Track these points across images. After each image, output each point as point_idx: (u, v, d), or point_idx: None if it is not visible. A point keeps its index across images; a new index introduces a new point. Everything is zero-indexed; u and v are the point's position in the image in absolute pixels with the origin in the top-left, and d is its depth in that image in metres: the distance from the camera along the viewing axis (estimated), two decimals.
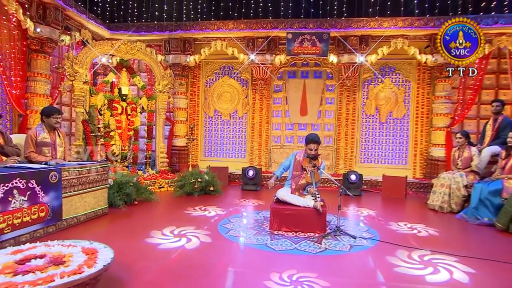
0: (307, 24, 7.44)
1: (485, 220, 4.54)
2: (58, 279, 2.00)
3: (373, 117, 8.04)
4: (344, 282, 2.62)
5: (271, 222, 3.97)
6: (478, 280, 2.73)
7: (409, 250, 3.35)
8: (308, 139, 4.16)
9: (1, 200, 2.94)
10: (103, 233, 3.80)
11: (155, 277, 2.60)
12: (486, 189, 4.72)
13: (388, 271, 2.86)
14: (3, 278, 1.98)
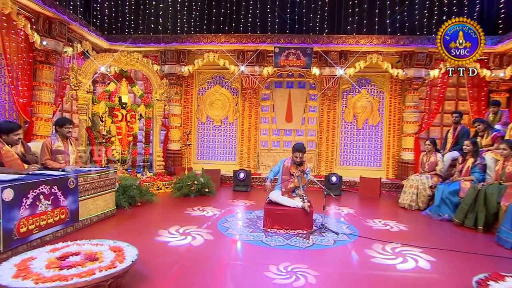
0: (292, 39, 7.79)
1: (445, 216, 5.04)
2: (98, 272, 2.30)
3: (351, 124, 8.48)
4: (330, 272, 3.00)
5: (264, 221, 4.31)
6: (438, 267, 3.16)
7: (383, 244, 3.77)
8: (294, 148, 4.55)
9: (31, 205, 3.17)
10: (115, 233, 4.02)
11: (171, 271, 2.89)
12: (446, 190, 5.22)
13: (365, 261, 3.26)
14: (53, 272, 2.26)
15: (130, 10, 8.48)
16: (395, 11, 7.93)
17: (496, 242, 3.94)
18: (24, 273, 2.21)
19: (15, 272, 2.23)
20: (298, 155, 4.49)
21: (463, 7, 7.67)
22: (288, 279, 2.77)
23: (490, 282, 2.25)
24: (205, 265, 3.06)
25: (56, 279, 2.16)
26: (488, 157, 5.22)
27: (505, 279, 2.30)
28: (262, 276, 2.83)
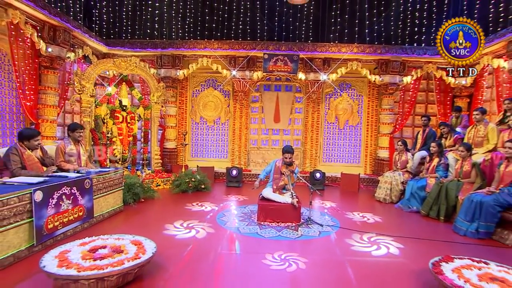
0: (280, 47, 8.13)
1: (414, 208, 5.56)
2: (127, 262, 2.66)
3: (333, 125, 8.96)
4: (316, 259, 3.43)
5: (258, 215, 4.70)
6: (405, 252, 3.63)
7: (361, 234, 4.23)
8: (284, 150, 4.93)
9: (55, 204, 3.47)
10: (126, 227, 4.30)
11: (182, 261, 3.23)
12: (415, 185, 5.74)
13: (346, 249, 3.70)
14: (89, 262, 2.59)
15: (127, 16, 8.63)
16: (373, 22, 8.42)
17: (453, 230, 4.48)
18: (65, 263, 2.54)
19: (58, 262, 2.55)
20: (288, 156, 4.88)
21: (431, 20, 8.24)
22: (282, 265, 3.18)
23: (442, 263, 2.73)
24: (210, 255, 3.42)
25: (93, 268, 2.50)
26: (450, 156, 5.77)
27: (453, 261, 2.78)
28: (260, 263, 3.23)
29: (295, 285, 2.78)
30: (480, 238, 4.17)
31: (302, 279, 2.90)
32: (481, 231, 4.18)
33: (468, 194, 4.56)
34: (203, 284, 2.75)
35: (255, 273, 3.03)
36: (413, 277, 2.99)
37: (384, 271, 3.13)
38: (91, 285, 2.44)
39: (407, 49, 7.94)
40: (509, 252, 3.79)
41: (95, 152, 6.17)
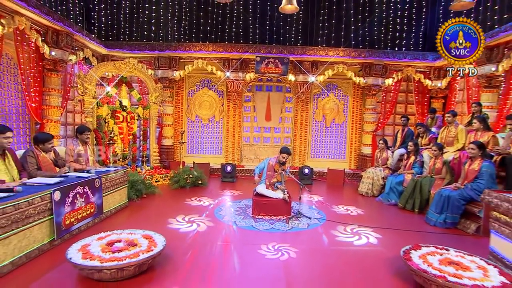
0: (272, 50, 8.38)
1: (392, 201, 5.99)
2: (142, 254, 2.96)
3: (320, 123, 9.31)
4: (305, 248, 3.78)
5: (253, 209, 5.03)
6: (383, 242, 4.03)
7: (345, 225, 4.62)
8: (282, 150, 5.21)
9: (71, 202, 3.73)
10: (133, 222, 4.57)
11: (187, 252, 3.53)
12: (394, 180, 6.17)
13: (332, 240, 4.08)
14: (109, 255, 2.88)
15: (125, 19, 8.74)
16: (358, 27, 8.75)
17: (425, 221, 4.91)
18: (88, 256, 2.83)
19: (82, 255, 2.84)
20: (285, 156, 5.18)
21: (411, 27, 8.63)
22: (276, 255, 3.53)
23: (412, 251, 3.12)
24: (212, 246, 3.73)
25: (113, 259, 2.80)
26: (425, 154, 6.19)
27: (421, 248, 3.18)
28: (256, 253, 3.57)
29: (288, 272, 3.13)
30: (447, 227, 4.62)
31: (294, 267, 3.25)
32: (448, 221, 4.64)
33: (438, 189, 5.01)
34: (208, 272, 3.07)
35: (252, 262, 3.37)
36: (388, 263, 3.37)
37: (363, 259, 3.51)
38: (112, 274, 2.74)
39: (389, 53, 8.32)
40: (469, 239, 4.24)
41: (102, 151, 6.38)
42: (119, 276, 2.78)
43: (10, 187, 3.14)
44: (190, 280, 2.88)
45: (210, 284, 2.82)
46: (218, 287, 2.77)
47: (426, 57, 8.26)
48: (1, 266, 2.74)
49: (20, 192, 3.11)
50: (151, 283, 2.81)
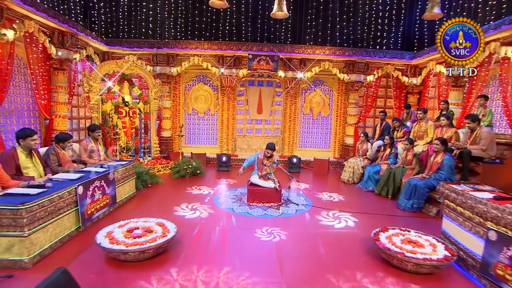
0: (263, 48, 8.71)
1: (370, 188, 6.58)
2: (159, 239, 3.43)
3: (308, 116, 9.77)
4: (294, 231, 4.29)
5: (248, 197, 5.52)
6: (359, 225, 4.58)
7: (327, 211, 5.16)
8: (267, 146, 5.63)
9: (91, 195, 4.14)
10: (142, 210, 4.98)
11: (193, 237, 4.01)
12: (372, 170, 6.76)
13: (316, 224, 4.61)
14: (131, 240, 3.33)
15: (123, 16, 8.86)
16: (343, 27, 9.12)
17: (396, 206, 5.53)
18: (114, 241, 3.29)
19: (108, 240, 3.30)
20: (270, 152, 5.65)
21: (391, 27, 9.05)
22: (269, 237, 4.04)
23: (381, 233, 3.69)
24: (214, 231, 4.20)
25: (136, 244, 3.26)
26: (400, 146, 6.74)
27: (388, 230, 3.76)
28: (253, 236, 4.08)
29: (279, 252, 3.65)
30: (414, 211, 5.24)
31: (284, 247, 3.78)
32: (415, 206, 5.26)
33: (408, 179, 5.60)
34: (212, 253, 3.56)
35: (249, 244, 3.87)
36: (362, 243, 3.92)
37: (342, 240, 4.06)
38: (135, 256, 3.21)
39: (370, 52, 8.76)
40: (431, 221, 4.83)
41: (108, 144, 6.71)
42: (140, 257, 3.25)
43: (42, 184, 3.54)
44: (198, 260, 3.37)
45: (215, 263, 3.31)
46: (222, 266, 3.26)
47: (404, 56, 8.74)
48: (43, 249, 3.18)
49: (51, 187, 3.51)
50: (167, 263, 3.28)
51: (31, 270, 2.99)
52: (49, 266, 3.08)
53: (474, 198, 3.13)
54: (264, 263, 3.35)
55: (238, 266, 3.22)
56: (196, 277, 2.98)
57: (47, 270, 2.95)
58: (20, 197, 3.08)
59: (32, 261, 3.03)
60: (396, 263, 3.21)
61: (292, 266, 3.29)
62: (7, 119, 5.78)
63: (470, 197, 3.20)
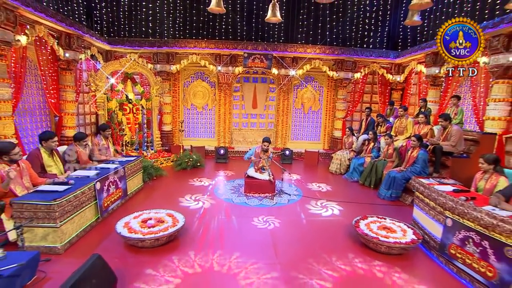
0: (257, 47, 8.99)
1: (355, 179, 7.08)
2: (170, 229, 3.86)
3: (299, 110, 10.15)
4: (286, 219, 4.74)
5: (245, 189, 5.94)
6: (344, 213, 5.06)
7: (316, 200, 5.64)
8: (264, 140, 6.06)
9: (107, 189, 4.54)
10: (151, 202, 5.36)
11: (199, 225, 4.47)
12: (357, 162, 7.25)
13: (306, 212, 5.08)
14: (146, 229, 3.76)
15: (124, 16, 9.00)
16: (332, 27, 9.42)
17: (377, 195, 6.05)
18: (132, 231, 3.71)
19: (127, 230, 3.73)
20: (266, 144, 6.05)
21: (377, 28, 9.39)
22: (264, 225, 4.50)
23: (361, 220, 4.19)
24: (216, 219, 4.65)
25: (151, 233, 3.70)
26: (382, 141, 7.21)
27: (367, 218, 4.26)
28: (250, 224, 4.53)
29: (274, 238, 4.11)
30: (392, 200, 5.76)
31: (278, 234, 4.24)
32: (393, 195, 5.78)
33: (388, 171, 6.11)
34: (216, 240, 4.00)
35: (248, 231, 4.33)
36: (345, 230, 4.38)
37: (328, 227, 4.54)
38: (151, 243, 3.64)
39: (358, 51, 9.13)
40: (406, 209, 5.26)
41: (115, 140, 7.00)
42: (155, 244, 3.68)
43: (66, 181, 3.93)
44: (204, 245, 3.81)
45: (218, 248, 3.76)
46: (225, 250, 3.70)
47: (388, 55, 9.14)
48: (71, 237, 3.60)
49: (73, 184, 3.89)
50: (178, 248, 3.72)
51: (64, 255, 3.41)
52: (78, 251, 3.51)
53: (437, 191, 3.63)
54: (261, 247, 3.81)
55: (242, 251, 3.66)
56: (211, 260, 3.42)
57: (76, 255, 3.42)
58: (51, 194, 3.47)
59: (64, 247, 3.45)
60: (372, 246, 3.72)
61: (284, 250, 3.77)
62: (22, 118, 6.06)
63: (434, 191, 3.70)
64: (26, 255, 2.80)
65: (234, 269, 3.26)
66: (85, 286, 2.35)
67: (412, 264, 3.52)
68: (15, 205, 3.26)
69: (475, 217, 2.99)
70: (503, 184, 3.63)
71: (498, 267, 2.73)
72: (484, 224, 2.88)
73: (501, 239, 2.72)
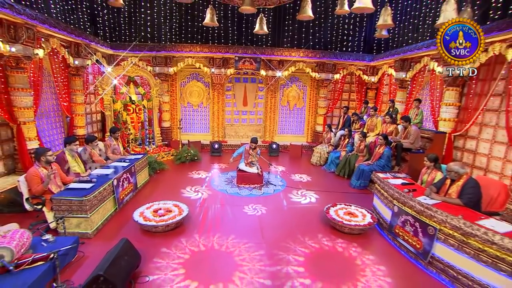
0: (247, 50, 9.50)
1: (332, 170, 7.89)
2: (177, 217, 4.58)
3: (285, 107, 10.80)
4: (271, 207, 5.48)
5: (237, 180, 6.66)
6: (319, 200, 5.86)
7: (298, 189, 6.43)
8: (251, 141, 6.68)
9: (121, 185, 5.20)
10: (157, 193, 5.99)
11: (199, 213, 5.21)
12: (334, 155, 8.05)
13: (288, 200, 5.85)
14: (158, 218, 4.47)
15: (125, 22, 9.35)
16: (315, 32, 10.00)
17: (349, 185, 6.88)
18: (146, 219, 4.43)
19: (142, 219, 4.44)
20: (253, 145, 6.73)
21: (355, 33, 10.02)
22: (254, 212, 5.24)
23: (331, 207, 5.00)
24: (214, 208, 5.38)
25: (162, 221, 4.42)
26: (356, 137, 8.02)
27: (336, 205, 5.07)
28: (242, 211, 5.26)
29: (261, 223, 4.87)
30: (361, 189, 6.59)
31: (265, 219, 5.01)
32: (362, 185, 6.61)
33: (359, 164, 6.93)
34: (215, 225, 4.76)
35: (240, 217, 5.05)
36: (319, 215, 5.15)
37: (306, 213, 5.30)
38: (162, 229, 4.35)
39: (337, 55, 9.77)
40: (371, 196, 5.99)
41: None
42: (166, 229, 4.40)
43: (89, 179, 4.58)
44: (205, 229, 4.56)
45: (217, 231, 4.49)
46: (222, 233, 4.44)
47: (364, 58, 9.83)
48: (98, 225, 4.30)
49: (96, 182, 4.55)
50: (185, 232, 4.44)
51: (93, 239, 4.11)
52: (104, 236, 4.22)
53: (388, 184, 4.45)
54: (251, 230, 4.58)
55: (235, 234, 4.43)
56: (212, 241, 4.18)
57: (104, 239, 4.13)
58: (80, 191, 4.13)
59: (93, 233, 4.15)
60: (338, 228, 4.53)
61: (270, 232, 4.54)
62: (39, 121, 6.56)
63: (387, 184, 4.51)
64: (69, 239, 3.50)
65: (230, 247, 4.02)
66: (121, 261, 3.07)
67: (368, 241, 4.36)
68: (55, 200, 3.92)
69: (411, 205, 3.81)
70: (439, 178, 4.46)
71: (423, 241, 3.58)
72: (416, 210, 3.71)
73: (426, 221, 3.55)
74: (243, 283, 3.26)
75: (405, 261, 3.83)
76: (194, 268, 3.52)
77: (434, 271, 3.48)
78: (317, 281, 3.34)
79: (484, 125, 6.17)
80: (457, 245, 3.21)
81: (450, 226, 3.25)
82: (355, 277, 3.44)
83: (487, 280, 2.92)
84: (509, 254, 2.72)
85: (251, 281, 3.31)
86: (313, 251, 3.99)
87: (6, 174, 5.74)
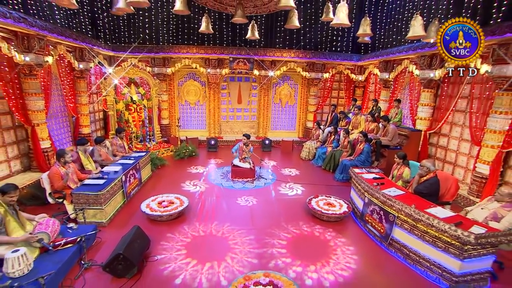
0: (241, 51, 10.06)
1: (319, 165, 8.62)
2: (179, 207, 5.29)
3: (278, 105, 11.42)
4: (262, 198, 6.21)
5: (231, 175, 7.35)
6: (305, 193, 6.57)
7: (286, 183, 7.14)
8: (244, 136, 7.47)
9: (128, 180, 5.89)
10: (159, 187, 6.65)
11: (198, 205, 5.93)
12: (321, 151, 8.77)
13: (277, 193, 6.57)
14: (163, 208, 5.18)
15: (124, 24, 9.85)
16: (306, 33, 10.57)
17: (333, 178, 7.62)
18: (152, 210, 5.14)
19: (149, 210, 5.15)
20: (246, 139, 7.40)
21: (344, 34, 10.62)
22: (246, 203, 5.96)
23: (313, 199, 5.73)
24: (211, 200, 6.10)
25: (166, 211, 5.12)
26: (342, 134, 8.74)
27: (318, 197, 5.80)
28: (235, 203, 5.96)
29: (253, 212, 5.59)
30: (343, 182, 7.31)
31: (256, 210, 5.73)
32: (344, 178, 7.34)
33: (342, 159, 7.65)
34: (211, 215, 5.46)
35: (233, 208, 5.76)
36: (304, 206, 5.84)
37: (291, 204, 6.01)
38: (166, 218, 5.06)
39: (327, 55, 10.38)
40: None
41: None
42: (170, 219, 5.12)
43: (101, 176, 5.26)
44: (203, 218, 5.28)
45: (214, 220, 5.21)
46: (219, 221, 5.16)
47: (352, 58, 10.46)
48: (111, 216, 5.00)
49: (107, 179, 5.23)
50: (186, 220, 5.16)
51: (108, 227, 4.81)
52: (117, 225, 4.93)
53: (361, 179, 5.18)
54: (243, 219, 5.30)
55: (230, 222, 5.15)
56: (210, 228, 4.90)
57: (116, 227, 4.84)
58: (95, 186, 4.82)
59: (107, 222, 4.86)
60: (318, 216, 5.28)
61: (259, 220, 5.27)
62: (49, 121, 7.16)
63: (360, 178, 5.25)
64: (89, 227, 4.21)
65: (226, 233, 4.76)
66: (135, 244, 3.79)
67: (343, 227, 5.11)
68: (74, 195, 4.61)
69: (377, 197, 4.56)
70: (406, 173, 5.21)
71: (386, 226, 4.33)
72: (381, 201, 4.45)
73: (388, 209, 4.30)
74: (233, 261, 4.00)
75: (372, 243, 4.59)
76: (194, 249, 4.26)
77: (393, 251, 4.24)
78: (296, 259, 4.09)
79: (454, 124, 6.91)
80: (409, 228, 3.96)
81: (404, 213, 4.00)
82: (328, 256, 4.19)
83: (429, 255, 3.68)
84: (443, 234, 3.47)
85: (241, 260, 4.05)
86: (294, 236, 4.74)
87: (22, 171, 6.40)
